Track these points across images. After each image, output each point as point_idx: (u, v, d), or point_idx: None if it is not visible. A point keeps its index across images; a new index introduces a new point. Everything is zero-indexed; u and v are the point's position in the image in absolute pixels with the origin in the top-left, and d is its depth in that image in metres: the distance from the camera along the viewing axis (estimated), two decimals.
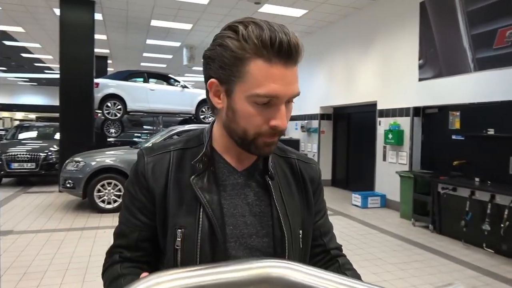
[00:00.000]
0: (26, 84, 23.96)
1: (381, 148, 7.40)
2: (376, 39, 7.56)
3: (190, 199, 0.79)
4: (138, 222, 0.82)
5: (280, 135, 0.78)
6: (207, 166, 0.80)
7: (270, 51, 0.70)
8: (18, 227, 5.32)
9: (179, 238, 0.77)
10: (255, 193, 0.83)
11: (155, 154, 0.84)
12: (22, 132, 10.47)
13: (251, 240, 0.80)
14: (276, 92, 0.71)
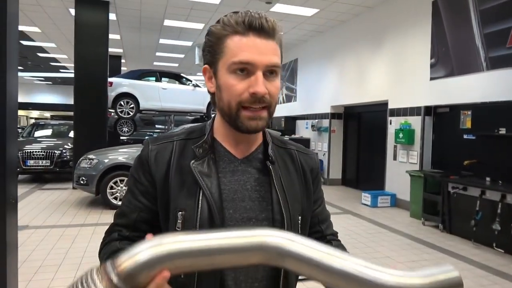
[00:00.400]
0: (41, 83, 24.44)
1: (392, 147, 7.37)
2: (388, 38, 7.54)
3: (191, 183, 0.83)
4: (139, 204, 0.87)
5: (265, 104, 0.80)
6: (207, 152, 0.86)
7: (243, 26, 0.79)
8: (33, 222, 5.47)
9: (180, 220, 0.82)
10: (255, 179, 0.87)
11: (159, 143, 0.90)
12: (38, 130, 10.72)
13: (250, 224, 0.84)
14: (248, 59, 0.78)
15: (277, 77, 0.83)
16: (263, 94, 0.78)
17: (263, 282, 0.84)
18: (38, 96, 24.42)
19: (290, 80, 12.32)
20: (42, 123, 11.51)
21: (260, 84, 0.78)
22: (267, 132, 0.94)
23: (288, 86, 12.54)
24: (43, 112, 27.35)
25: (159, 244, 0.57)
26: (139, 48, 13.03)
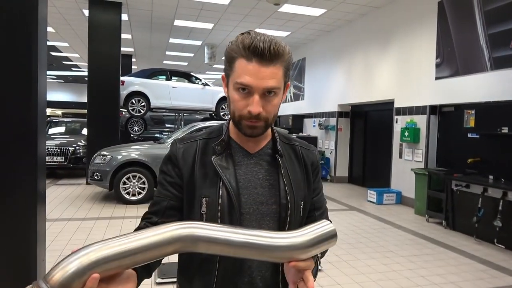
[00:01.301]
0: (53, 81, 24.86)
1: (398, 145, 7.49)
2: (394, 37, 7.65)
3: (212, 175, 1.01)
4: (168, 193, 1.03)
5: (261, 120, 0.96)
6: (225, 149, 1.04)
7: (248, 52, 0.92)
8: (51, 215, 5.72)
9: (204, 205, 0.99)
10: (265, 170, 1.05)
11: (185, 142, 1.07)
12: (52, 127, 11.01)
13: (262, 207, 1.02)
14: (248, 82, 0.93)
15: (275, 96, 0.97)
16: (256, 114, 0.94)
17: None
18: (50, 94, 24.81)
19: (298, 78, 12.46)
20: (56, 121, 11.80)
21: (255, 105, 0.93)
22: (275, 130, 1.11)
23: (295, 85, 12.68)
24: (55, 110, 27.80)
25: (85, 254, 0.65)
26: (149, 47, 13.27)
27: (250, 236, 0.76)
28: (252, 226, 1.01)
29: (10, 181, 2.21)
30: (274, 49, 0.92)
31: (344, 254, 4.35)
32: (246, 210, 1.01)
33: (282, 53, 0.94)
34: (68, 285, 0.62)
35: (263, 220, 1.02)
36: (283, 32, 10.43)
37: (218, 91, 10.29)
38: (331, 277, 3.69)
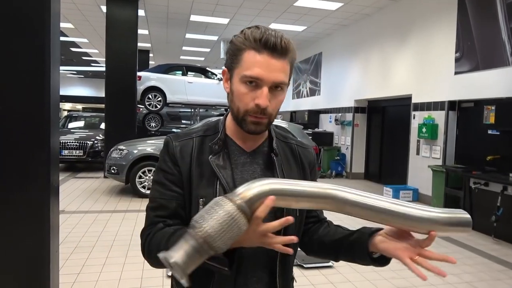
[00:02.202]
0: (74, 76, 25.38)
1: (415, 142, 7.36)
2: (412, 31, 7.48)
3: (209, 175, 0.97)
4: (174, 193, 0.98)
5: (266, 115, 0.94)
6: (221, 148, 1.01)
7: (259, 44, 0.90)
8: (69, 207, 5.86)
9: (201, 206, 0.96)
10: (261, 169, 1.03)
11: (181, 140, 1.03)
12: (71, 121, 11.26)
13: None
14: (259, 74, 0.89)
15: (281, 92, 0.94)
16: (265, 107, 0.91)
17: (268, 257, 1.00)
18: (70, 89, 25.39)
19: (314, 73, 12.35)
20: (75, 115, 12.07)
21: (264, 98, 0.90)
22: (272, 129, 1.08)
23: (312, 80, 12.57)
24: (75, 105, 28.39)
25: (267, 183, 0.82)
26: (166, 43, 13.38)
27: (394, 204, 0.85)
28: None
29: (23, 175, 2.27)
30: (285, 43, 0.91)
31: None
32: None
33: (292, 49, 0.93)
34: (253, 201, 0.79)
35: None
36: (299, 27, 10.35)
37: None
38: (342, 274, 3.66)
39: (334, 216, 1.25)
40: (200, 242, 0.73)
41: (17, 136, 2.22)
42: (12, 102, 2.21)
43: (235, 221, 0.75)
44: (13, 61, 2.22)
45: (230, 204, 0.76)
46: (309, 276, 3.57)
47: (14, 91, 2.20)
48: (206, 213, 0.76)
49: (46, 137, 2.30)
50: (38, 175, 2.29)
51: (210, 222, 0.74)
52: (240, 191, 0.80)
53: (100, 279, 3.38)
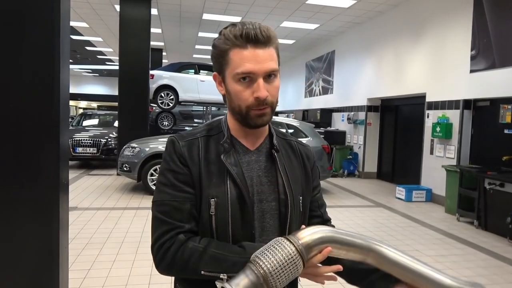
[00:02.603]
0: (89, 75, 25.75)
1: (429, 141, 7.23)
2: (427, 29, 7.35)
3: (218, 174, 0.97)
4: (187, 194, 0.95)
5: (267, 105, 0.94)
6: (230, 146, 1.00)
7: (241, 40, 0.91)
8: (81, 204, 5.95)
9: (213, 206, 0.94)
10: (264, 167, 1.03)
11: (186, 140, 1.01)
12: (86, 119, 11.43)
13: (262, 205, 1.00)
14: (250, 69, 0.91)
15: (276, 78, 0.96)
16: (265, 97, 0.92)
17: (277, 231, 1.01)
18: (86, 87, 25.79)
19: (327, 72, 12.25)
20: (90, 113, 12.24)
21: (261, 90, 0.91)
22: (271, 126, 1.08)
23: (324, 78, 12.48)
24: (91, 103, 28.82)
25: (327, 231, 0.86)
26: (179, 42, 13.45)
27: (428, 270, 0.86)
28: (254, 224, 0.98)
29: (33, 171, 2.30)
30: (266, 32, 0.92)
31: None
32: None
33: (273, 36, 0.94)
34: (312, 247, 0.83)
35: (263, 218, 1.00)
36: (312, 25, 10.27)
37: None
38: None
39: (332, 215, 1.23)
40: (260, 280, 0.77)
41: (27, 134, 2.25)
42: (22, 101, 2.24)
43: (294, 264, 0.79)
44: (23, 60, 2.26)
45: (291, 247, 0.80)
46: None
47: (24, 90, 2.24)
48: (267, 250, 0.80)
49: (55, 134, 2.33)
50: (47, 172, 2.32)
51: (272, 261, 0.78)
52: (302, 235, 0.83)
53: (110, 275, 3.42)
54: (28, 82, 2.24)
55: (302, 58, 14.72)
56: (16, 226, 2.24)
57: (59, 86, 2.33)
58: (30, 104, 2.25)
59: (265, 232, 1.00)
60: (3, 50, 2.20)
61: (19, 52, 2.23)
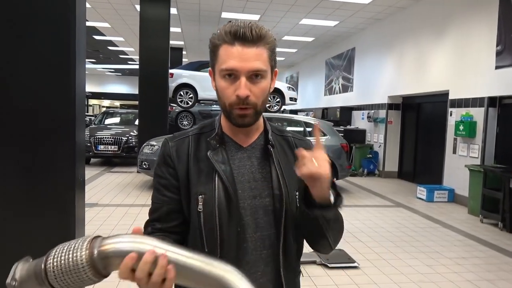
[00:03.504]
0: (112, 74, 26.28)
1: (452, 140, 7.04)
2: (450, 24, 7.14)
3: (207, 171, 0.98)
4: (165, 198, 1.00)
5: (250, 106, 0.93)
6: (219, 143, 1.01)
7: (230, 37, 0.91)
8: (102, 200, 6.08)
9: (201, 203, 0.96)
10: (258, 163, 1.02)
11: (177, 140, 1.04)
12: (108, 118, 11.67)
13: (256, 201, 0.99)
14: (234, 66, 0.91)
15: (263, 79, 0.94)
16: (245, 96, 0.91)
17: (267, 250, 0.99)
18: (109, 86, 26.35)
19: (347, 69, 12.09)
20: (112, 112, 12.50)
21: (242, 88, 0.91)
22: (267, 122, 1.07)
23: (344, 76, 12.32)
24: (114, 101, 29.43)
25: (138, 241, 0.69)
26: (198, 40, 13.54)
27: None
28: (247, 221, 0.98)
29: (50, 169, 2.35)
30: (256, 31, 0.91)
31: (385, 252, 4.18)
32: (241, 205, 0.98)
33: (265, 35, 0.93)
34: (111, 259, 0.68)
35: (257, 214, 0.99)
36: (331, 22, 10.15)
37: None
38: (368, 275, 3.56)
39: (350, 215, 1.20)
40: (41, 273, 0.67)
41: (44, 131, 2.31)
42: (40, 99, 2.30)
43: (79, 273, 0.67)
44: (40, 59, 2.31)
45: (83, 253, 0.67)
46: (333, 276, 3.50)
47: (41, 89, 2.29)
48: (68, 247, 0.68)
49: (71, 132, 2.38)
50: (64, 169, 2.37)
51: (59, 260, 0.67)
52: (107, 242, 0.68)
53: None
54: (46, 81, 2.30)
55: (321, 55, 14.57)
56: (33, 222, 2.30)
57: (75, 84, 2.38)
58: (47, 103, 2.30)
59: (259, 228, 0.99)
60: (21, 51, 2.26)
61: (37, 52, 2.29)
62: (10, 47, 2.28)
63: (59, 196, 2.33)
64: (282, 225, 0.98)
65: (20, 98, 2.29)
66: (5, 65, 2.28)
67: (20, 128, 2.31)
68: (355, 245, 4.32)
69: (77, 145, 2.47)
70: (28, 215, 2.30)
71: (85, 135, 9.38)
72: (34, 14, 2.23)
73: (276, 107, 10.03)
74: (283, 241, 0.99)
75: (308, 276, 3.45)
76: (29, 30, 2.26)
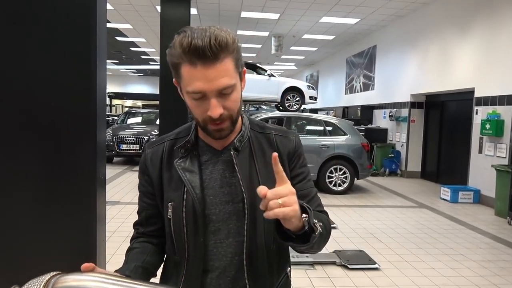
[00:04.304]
0: (134, 74, 26.74)
1: (477, 139, 6.82)
2: (476, 19, 6.91)
3: (177, 178, 0.97)
4: (144, 204, 1.04)
5: (224, 119, 0.89)
6: (190, 151, 0.99)
7: (189, 55, 0.83)
8: (124, 199, 6.19)
9: (170, 210, 0.97)
10: (230, 168, 0.98)
11: (153, 146, 1.05)
12: (130, 117, 11.88)
13: (229, 206, 0.97)
14: (200, 88, 0.85)
15: (233, 92, 0.89)
16: (217, 117, 0.87)
17: (239, 256, 0.97)
18: (131, 87, 26.82)
19: (368, 67, 11.90)
20: (134, 111, 12.71)
21: (213, 109, 0.86)
22: (245, 121, 1.03)
23: (365, 74, 12.13)
24: (136, 101, 29.93)
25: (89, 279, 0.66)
26: None
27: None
28: (218, 227, 0.97)
29: (71, 168, 2.40)
30: (215, 45, 0.82)
31: (407, 253, 4.09)
32: (212, 211, 0.97)
33: (226, 45, 0.85)
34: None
35: (230, 220, 0.97)
36: (352, 19, 10.01)
37: (284, 82, 10.22)
38: (389, 277, 3.49)
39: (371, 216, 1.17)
40: None
41: (66, 131, 2.36)
42: (62, 99, 2.35)
43: None
44: (62, 60, 2.36)
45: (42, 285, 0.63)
46: (353, 277, 3.44)
47: (63, 89, 2.35)
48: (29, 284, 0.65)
49: (93, 131, 2.42)
50: (85, 167, 2.42)
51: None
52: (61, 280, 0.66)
53: None
54: (68, 81, 2.35)
55: (342, 54, 14.39)
56: (56, 219, 2.35)
57: (96, 85, 2.42)
58: (69, 102, 2.35)
59: (232, 234, 0.97)
60: (44, 52, 2.32)
61: (59, 53, 2.34)
62: (34, 48, 2.34)
63: (81, 193, 2.38)
64: (244, 230, 0.95)
65: (44, 99, 2.34)
66: (29, 67, 2.35)
67: (44, 127, 2.37)
68: (376, 246, 4.24)
69: (98, 144, 2.51)
70: (52, 212, 2.36)
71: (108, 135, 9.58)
72: (56, 17, 2.28)
73: (295, 106, 9.97)
74: (246, 247, 0.95)
75: (327, 277, 3.41)
76: (51, 32, 2.31)
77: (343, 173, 7.12)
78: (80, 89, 2.40)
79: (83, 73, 2.41)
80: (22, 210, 2.29)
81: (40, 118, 2.38)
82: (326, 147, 7.08)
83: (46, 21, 2.32)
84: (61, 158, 2.36)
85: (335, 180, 7.11)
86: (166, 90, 8.67)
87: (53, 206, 2.36)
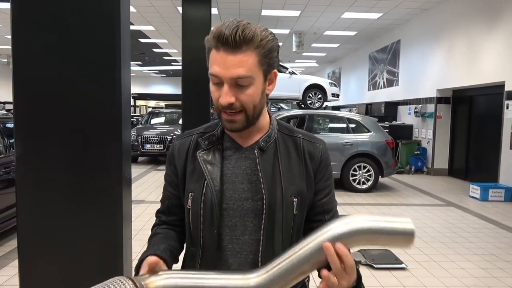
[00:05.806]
0: (157, 75, 27.17)
1: (508, 135, 6.58)
2: (505, 9, 6.66)
3: (199, 170, 0.99)
4: (168, 193, 1.08)
5: (237, 111, 0.91)
6: (214, 143, 1.01)
7: (216, 41, 0.88)
8: (148, 197, 6.30)
9: (190, 200, 0.99)
10: (253, 166, 0.98)
11: (181, 138, 1.08)
12: (153, 117, 12.08)
13: (247, 203, 0.97)
14: (216, 72, 0.89)
15: (251, 86, 0.90)
16: (226, 104, 0.89)
17: (254, 254, 0.97)
18: (154, 87, 27.27)
19: (392, 63, 11.66)
20: (157, 112, 12.92)
21: (223, 96, 0.89)
22: (274, 122, 1.04)
23: (389, 70, 11.89)
24: (159, 102, 30.41)
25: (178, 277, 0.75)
26: None
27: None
28: (235, 222, 0.97)
29: (97, 167, 2.45)
30: (240, 35, 0.86)
31: (435, 253, 3.98)
32: (229, 206, 0.97)
33: (251, 38, 0.87)
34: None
35: (247, 217, 0.97)
36: (375, 14, 9.83)
37: (305, 80, 10.14)
38: (416, 277, 3.41)
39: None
40: None
41: (92, 131, 2.41)
42: (88, 101, 2.41)
43: None
44: (87, 63, 2.41)
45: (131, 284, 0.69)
46: (379, 277, 3.38)
47: (90, 91, 2.40)
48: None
49: (118, 132, 2.47)
50: (111, 167, 2.47)
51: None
52: (151, 279, 0.73)
53: None
54: (94, 83, 2.40)
55: (364, 49, 14.16)
56: (84, 218, 2.41)
57: (120, 85, 2.46)
58: (96, 105, 2.41)
59: (248, 231, 0.97)
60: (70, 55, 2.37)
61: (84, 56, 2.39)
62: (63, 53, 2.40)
63: (107, 192, 2.43)
64: (262, 230, 0.95)
65: (71, 100, 2.40)
66: (58, 71, 2.41)
67: (73, 128, 2.43)
68: None
69: (123, 144, 2.56)
70: (79, 211, 2.42)
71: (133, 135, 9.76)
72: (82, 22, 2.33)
73: (317, 103, 9.88)
74: (262, 247, 0.95)
75: None
76: (76, 35, 2.37)
77: (367, 171, 7.01)
78: (106, 92, 2.45)
79: (109, 76, 2.46)
80: (53, 209, 2.36)
81: (69, 121, 2.44)
82: (350, 144, 6.98)
83: (73, 27, 2.38)
84: (89, 159, 2.42)
85: (359, 178, 7.00)
86: (188, 90, 8.76)
87: (82, 206, 2.42)
